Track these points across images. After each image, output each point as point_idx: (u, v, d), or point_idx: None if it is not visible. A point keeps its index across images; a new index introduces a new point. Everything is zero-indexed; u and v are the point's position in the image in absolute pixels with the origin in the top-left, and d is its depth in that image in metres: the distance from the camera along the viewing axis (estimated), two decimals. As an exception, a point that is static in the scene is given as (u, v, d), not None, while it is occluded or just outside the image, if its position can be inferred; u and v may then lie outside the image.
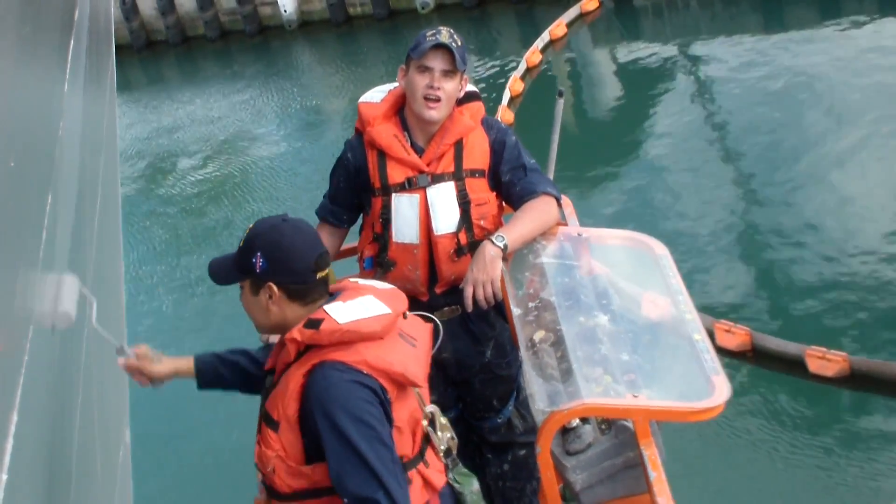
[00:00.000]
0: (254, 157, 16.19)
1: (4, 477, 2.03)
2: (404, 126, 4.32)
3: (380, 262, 4.41)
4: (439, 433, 3.38)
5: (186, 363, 3.75)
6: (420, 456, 3.25)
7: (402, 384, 3.16)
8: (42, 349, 2.66)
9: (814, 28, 15.29)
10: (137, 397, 5.28)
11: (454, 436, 3.46)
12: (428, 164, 4.27)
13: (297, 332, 3.12)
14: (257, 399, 3.62)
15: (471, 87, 4.38)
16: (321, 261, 3.23)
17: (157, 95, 21.26)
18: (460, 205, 4.25)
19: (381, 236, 4.36)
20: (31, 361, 2.43)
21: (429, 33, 4.21)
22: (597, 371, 3.57)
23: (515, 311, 3.96)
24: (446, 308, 4.38)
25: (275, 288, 3.20)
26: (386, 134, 4.32)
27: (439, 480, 3.30)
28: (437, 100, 4.18)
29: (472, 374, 4.52)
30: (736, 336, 8.25)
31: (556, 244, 4.26)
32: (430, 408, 3.37)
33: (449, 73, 4.16)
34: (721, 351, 7.84)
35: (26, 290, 2.53)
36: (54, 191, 3.09)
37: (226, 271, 3.33)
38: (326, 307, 3.16)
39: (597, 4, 17.94)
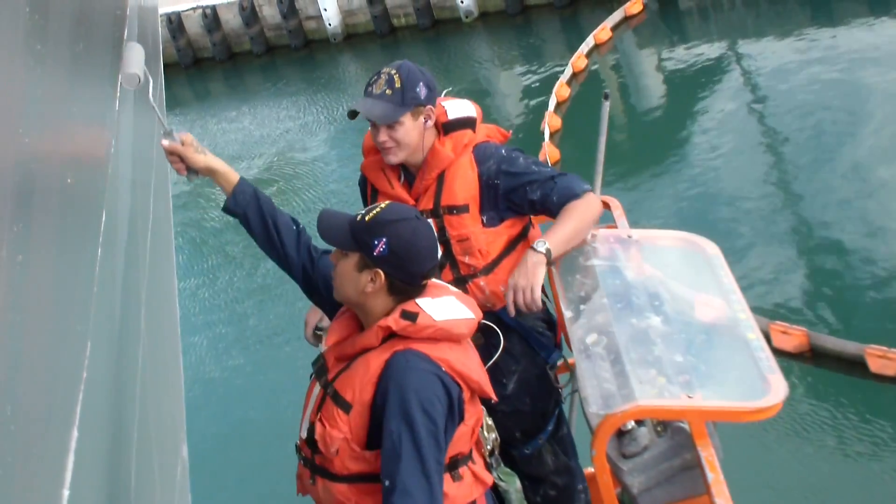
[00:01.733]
0: (302, 170, 16.27)
1: (66, 493, 2.05)
2: None
3: None
4: (486, 433, 3.47)
5: (226, 170, 3.76)
6: (470, 454, 3.30)
7: (476, 392, 3.25)
8: (100, 365, 2.69)
9: (863, 22, 15.12)
10: (194, 414, 5.32)
11: (498, 436, 3.55)
12: (416, 199, 4.20)
13: (392, 322, 3.14)
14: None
15: (461, 113, 4.26)
16: (433, 271, 3.28)
17: (204, 111, 21.44)
18: (441, 242, 4.06)
19: None
20: (89, 377, 2.46)
21: (367, 86, 4.15)
22: (650, 373, 3.56)
23: (567, 315, 3.95)
24: None
25: (382, 276, 3.20)
26: (373, 168, 4.31)
27: (488, 478, 3.35)
28: (389, 148, 4.14)
29: (490, 403, 4.48)
30: (792, 337, 8.17)
31: (606, 247, 4.23)
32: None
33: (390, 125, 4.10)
34: (778, 353, 7.77)
35: (83, 306, 2.56)
36: (108, 208, 3.12)
37: (337, 233, 3.29)
38: (418, 301, 3.20)
39: (641, 7, 17.87)
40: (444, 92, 4.42)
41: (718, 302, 3.91)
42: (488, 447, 3.46)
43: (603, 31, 17.03)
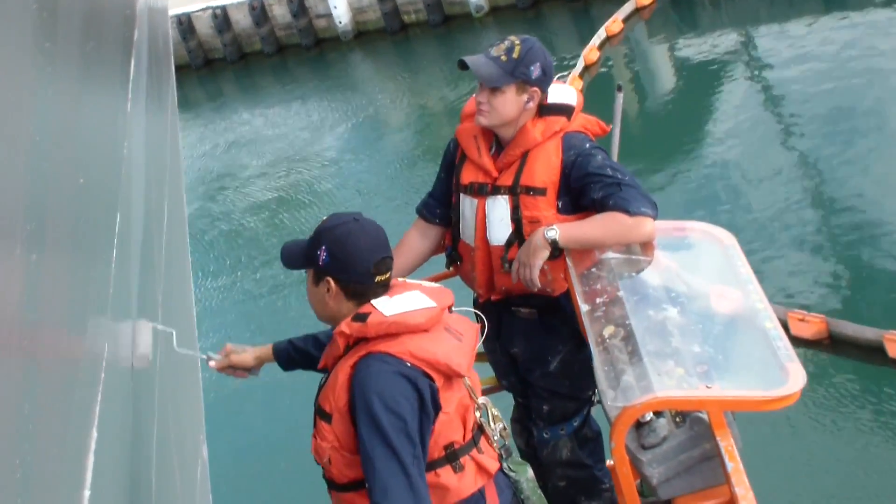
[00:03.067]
0: (314, 168, 16.27)
1: (87, 493, 2.05)
2: None
3: (450, 254, 4.52)
4: (492, 424, 3.46)
5: (267, 351, 3.93)
6: (473, 443, 3.35)
7: (447, 374, 3.24)
8: (117, 366, 2.69)
9: (876, 8, 15.03)
10: (212, 414, 5.33)
11: (506, 426, 3.55)
12: (500, 171, 4.25)
13: (345, 326, 3.25)
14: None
15: (562, 99, 4.28)
16: (381, 265, 3.32)
17: (216, 112, 21.46)
18: (513, 220, 4.21)
19: (455, 231, 4.43)
20: (107, 378, 2.46)
21: (488, 46, 4.19)
22: (668, 364, 3.55)
23: (583, 308, 3.94)
24: (524, 309, 4.39)
25: (332, 283, 3.32)
26: (467, 133, 4.37)
27: (492, 466, 3.39)
28: (484, 111, 4.18)
29: (533, 377, 4.51)
30: (811, 324, 8.14)
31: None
32: (482, 399, 3.45)
33: (493, 88, 4.13)
34: (796, 340, 7.74)
35: (100, 307, 2.56)
36: (123, 210, 3.13)
37: (294, 256, 3.47)
38: (374, 301, 3.29)
39: (652, -2, 17.84)
40: (557, 76, 4.44)
41: (734, 292, 3.90)
42: (496, 437, 3.48)
43: (614, 23, 16.99)
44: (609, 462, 4.39)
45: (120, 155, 3.30)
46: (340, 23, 22.01)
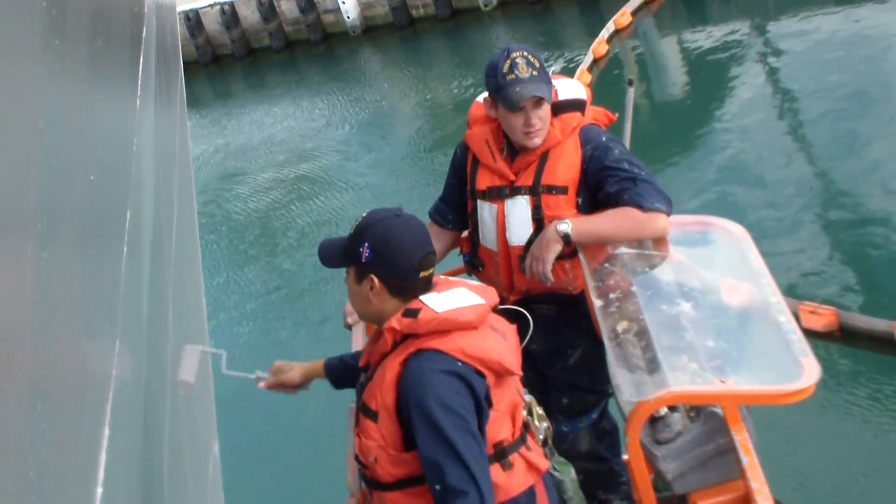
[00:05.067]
0: (324, 162, 16.26)
1: (100, 490, 2.05)
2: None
3: (471, 262, 4.51)
4: (537, 423, 3.45)
5: (316, 368, 3.91)
6: (522, 440, 3.31)
7: (499, 372, 3.20)
8: (129, 363, 2.69)
9: (889, -1, 14.96)
10: (223, 410, 5.32)
11: (550, 425, 3.54)
12: (516, 173, 4.23)
13: (395, 322, 3.19)
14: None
15: (572, 94, 4.27)
16: (426, 260, 3.28)
17: (225, 109, 21.46)
18: (534, 220, 4.20)
19: (474, 237, 4.41)
20: (118, 376, 2.46)
21: (509, 74, 4.11)
22: (682, 359, 3.54)
23: (597, 303, 3.93)
24: (544, 304, 4.39)
25: (376, 280, 3.27)
26: (478, 139, 4.34)
27: (542, 464, 3.36)
28: (539, 129, 4.14)
29: (553, 371, 4.50)
30: (822, 317, 8.11)
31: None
32: (528, 398, 3.43)
33: (538, 101, 4.10)
34: (807, 333, 7.69)
35: (111, 304, 2.55)
36: (133, 206, 3.12)
37: (334, 254, 3.42)
38: (423, 297, 3.24)
39: (661, -9, 17.79)
40: (551, 70, 4.43)
41: (746, 286, 3.89)
42: (541, 436, 3.47)
43: (623, 16, 16.94)
44: (625, 456, 4.38)
45: (129, 152, 3.30)
46: (349, 17, 21.99)
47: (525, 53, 4.12)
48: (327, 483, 6.21)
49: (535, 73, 4.08)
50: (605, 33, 16.41)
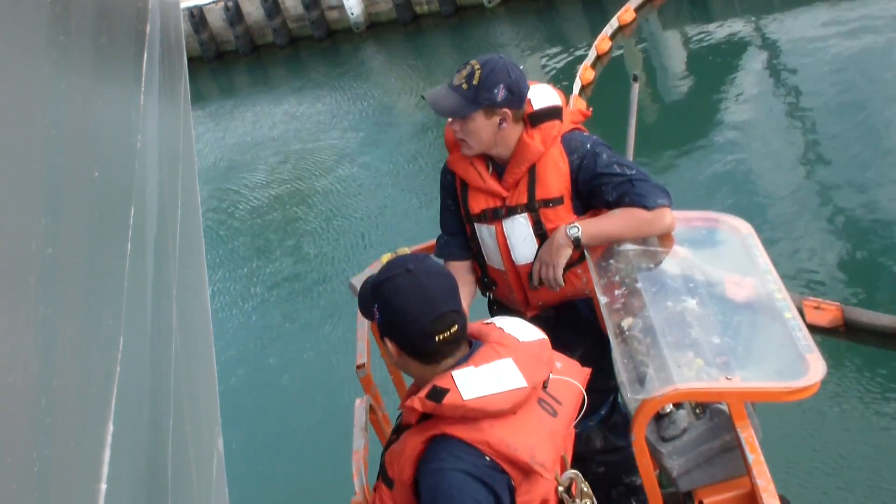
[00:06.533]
0: (328, 159, 16.26)
1: (104, 486, 2.05)
2: None
3: (483, 283, 4.46)
4: (577, 501, 3.06)
5: None
6: None
7: (527, 472, 2.87)
8: (133, 359, 2.68)
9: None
10: (228, 406, 5.32)
11: (594, 502, 3.16)
12: (507, 190, 4.20)
13: (417, 402, 2.87)
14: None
15: (547, 101, 4.20)
16: (440, 323, 2.91)
17: (230, 105, 21.45)
18: (537, 235, 4.19)
19: (480, 259, 4.40)
20: (122, 372, 2.45)
21: (457, 69, 4.12)
22: (688, 355, 3.54)
23: (602, 300, 3.93)
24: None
25: (390, 344, 3.01)
26: (462, 163, 4.29)
27: None
28: (461, 140, 4.13)
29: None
30: (826, 312, 8.09)
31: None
32: (571, 473, 3.08)
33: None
34: (811, 328, 7.68)
35: (115, 301, 2.55)
36: (137, 203, 3.12)
37: (364, 306, 3.09)
38: (455, 373, 2.89)
39: (664, -14, 17.76)
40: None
41: (750, 282, 3.88)
42: None
43: (627, 13, 16.91)
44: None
45: (134, 148, 3.29)
46: (352, 14, 21.98)
47: (477, 66, 4.03)
48: (332, 480, 6.22)
49: (465, 85, 4.02)
50: (608, 29, 16.39)
